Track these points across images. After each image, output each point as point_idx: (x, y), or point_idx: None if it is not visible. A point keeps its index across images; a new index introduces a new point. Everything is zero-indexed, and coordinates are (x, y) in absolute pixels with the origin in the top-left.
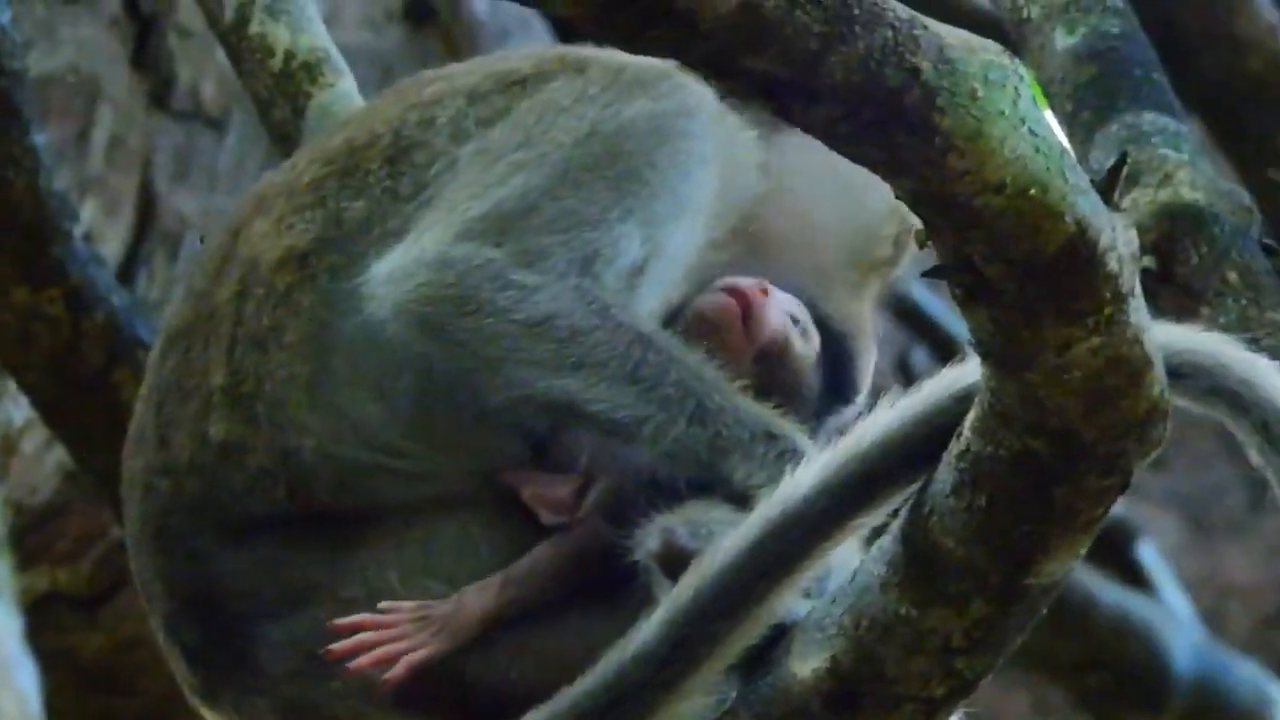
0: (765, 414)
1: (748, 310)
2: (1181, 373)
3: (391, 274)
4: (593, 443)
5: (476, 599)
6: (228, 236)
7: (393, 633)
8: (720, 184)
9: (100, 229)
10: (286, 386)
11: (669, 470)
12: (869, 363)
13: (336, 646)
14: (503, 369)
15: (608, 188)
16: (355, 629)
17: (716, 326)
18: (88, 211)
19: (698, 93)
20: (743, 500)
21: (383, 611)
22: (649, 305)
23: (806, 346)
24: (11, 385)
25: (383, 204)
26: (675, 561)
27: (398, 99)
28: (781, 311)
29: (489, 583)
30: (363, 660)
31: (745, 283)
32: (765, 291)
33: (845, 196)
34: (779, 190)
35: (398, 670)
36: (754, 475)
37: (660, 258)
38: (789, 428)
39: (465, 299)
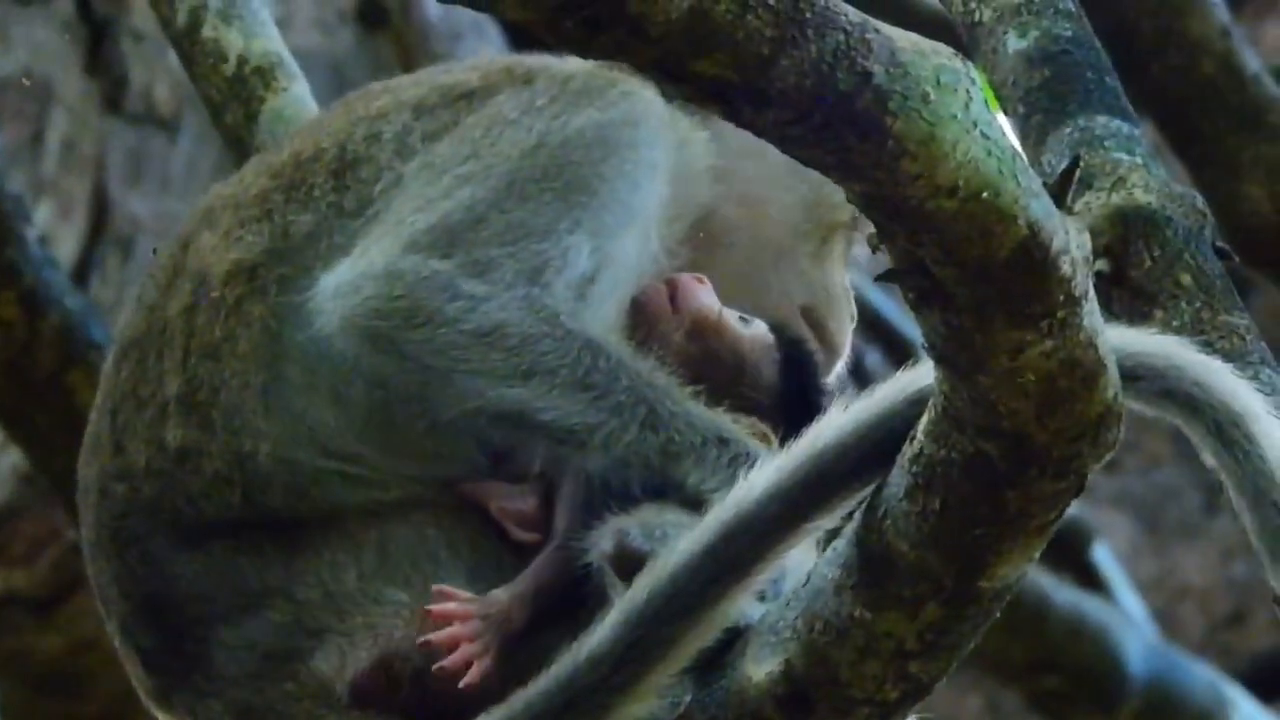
0: (718, 419)
1: (674, 290)
2: (1135, 375)
3: (338, 288)
4: (546, 450)
5: (520, 609)
6: (177, 248)
7: (468, 630)
8: (671, 190)
9: (54, 232)
10: (241, 394)
11: (622, 476)
12: (847, 326)
13: (434, 637)
14: (453, 379)
15: (555, 199)
16: (447, 618)
17: (645, 308)
18: (42, 214)
19: (646, 100)
20: (696, 504)
21: (408, 600)
22: (601, 314)
23: (748, 329)
24: None
25: (328, 218)
26: (628, 563)
27: (345, 112)
28: (711, 293)
29: (523, 592)
30: (454, 659)
31: (681, 275)
32: (701, 280)
33: (792, 167)
34: (728, 177)
35: (472, 677)
36: (707, 480)
37: (610, 267)
38: (741, 433)
39: (414, 310)
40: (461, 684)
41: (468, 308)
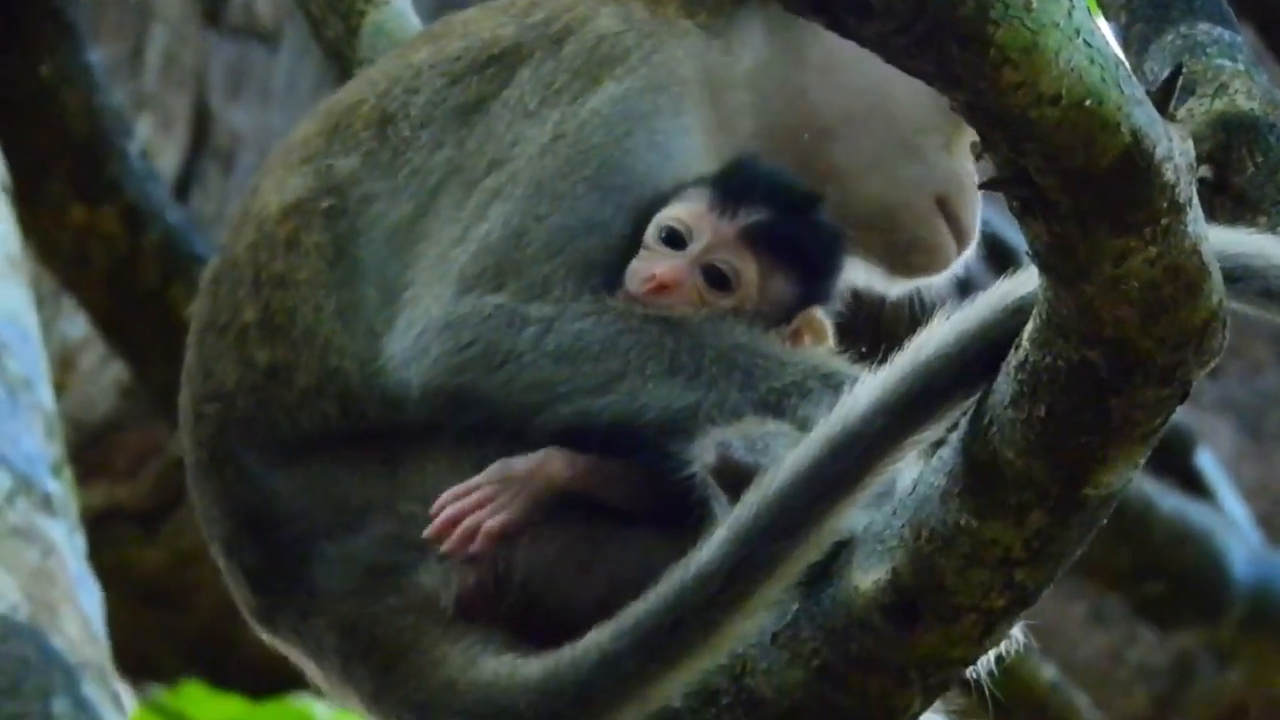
0: (813, 356)
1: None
2: (1235, 275)
3: (406, 352)
4: (657, 441)
5: (562, 465)
6: (249, 195)
7: (474, 499)
8: (716, 140)
9: (155, 146)
10: (316, 316)
11: None
12: (978, 215)
13: (428, 531)
14: (552, 406)
15: (588, 189)
16: (443, 504)
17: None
18: (143, 128)
19: (674, 58)
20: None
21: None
22: None
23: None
24: (68, 303)
25: (366, 165)
26: (731, 476)
27: (399, 57)
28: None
29: (578, 457)
30: (451, 543)
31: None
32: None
33: None
34: (843, 70)
35: (479, 544)
36: (818, 410)
37: None
38: (840, 362)
39: (489, 353)
40: (469, 550)
41: (541, 333)
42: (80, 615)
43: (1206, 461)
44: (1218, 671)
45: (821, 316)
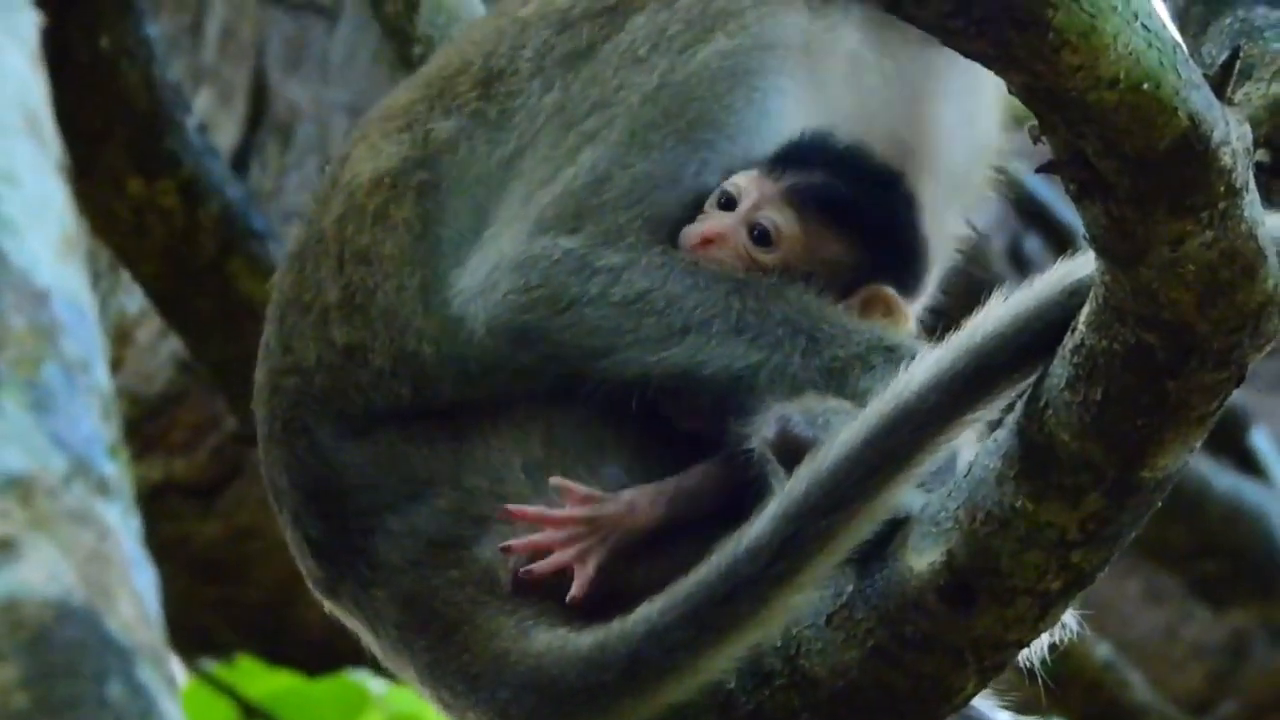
0: (878, 328)
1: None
2: None
3: (475, 286)
4: (715, 398)
5: (648, 509)
6: (337, 164)
7: (564, 535)
8: (812, 112)
9: (213, 119)
10: (398, 296)
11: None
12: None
13: (516, 543)
14: (610, 355)
15: (678, 142)
16: (528, 519)
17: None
18: (201, 102)
19: (783, 23)
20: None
21: (557, 491)
22: None
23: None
24: (126, 276)
25: (470, 125)
26: (791, 450)
27: (497, 17)
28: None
29: (662, 491)
30: (541, 567)
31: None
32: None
33: None
34: (925, 83)
35: (577, 591)
36: (879, 385)
37: None
38: (904, 336)
39: (556, 297)
40: (567, 599)
41: (609, 282)
42: (135, 598)
43: (1262, 441)
44: (1273, 649)
45: (893, 294)
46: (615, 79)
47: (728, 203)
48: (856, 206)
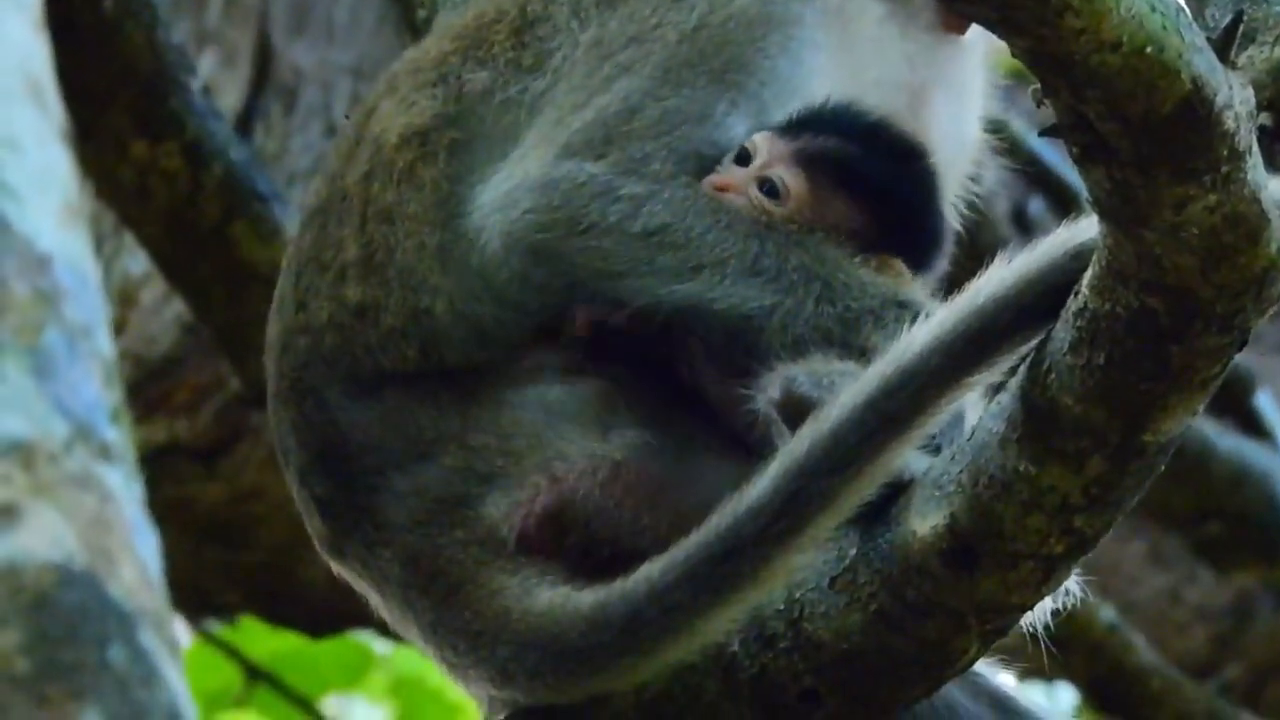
0: (893, 283)
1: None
2: None
3: (496, 202)
4: (724, 337)
5: None
6: (362, 116)
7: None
8: (839, 71)
9: (218, 82)
10: (418, 254)
11: (804, 351)
12: None
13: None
14: (625, 282)
15: (711, 81)
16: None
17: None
18: (205, 64)
19: None
20: None
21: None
22: None
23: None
24: (130, 238)
25: (505, 74)
26: (796, 410)
27: None
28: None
29: None
30: None
31: None
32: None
33: None
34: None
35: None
36: (886, 341)
37: None
38: (918, 293)
39: (575, 219)
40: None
41: (629, 210)
42: (137, 563)
43: (1266, 403)
44: (1277, 612)
45: (903, 267)
46: (654, 17)
47: (742, 159)
48: (869, 174)
